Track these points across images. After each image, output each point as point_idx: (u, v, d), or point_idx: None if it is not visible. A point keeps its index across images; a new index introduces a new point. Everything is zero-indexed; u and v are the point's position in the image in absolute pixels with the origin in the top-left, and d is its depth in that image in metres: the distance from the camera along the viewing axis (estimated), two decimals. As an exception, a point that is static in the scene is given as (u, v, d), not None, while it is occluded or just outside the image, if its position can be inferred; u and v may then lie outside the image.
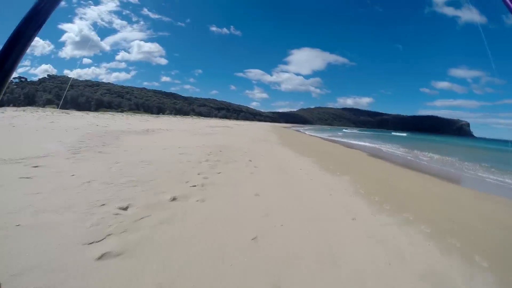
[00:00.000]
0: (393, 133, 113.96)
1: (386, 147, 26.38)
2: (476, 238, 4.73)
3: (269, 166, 9.03)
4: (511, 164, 20.22)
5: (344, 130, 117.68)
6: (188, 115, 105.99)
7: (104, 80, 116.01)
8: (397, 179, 10.16)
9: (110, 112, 57.19)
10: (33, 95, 56.14)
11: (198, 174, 6.73)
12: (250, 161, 9.47)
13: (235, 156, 10.12)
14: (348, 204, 5.82)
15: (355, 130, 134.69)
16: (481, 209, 6.96)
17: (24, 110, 37.39)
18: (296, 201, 5.53)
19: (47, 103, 50.75)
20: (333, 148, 22.33)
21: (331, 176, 8.78)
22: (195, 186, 5.73)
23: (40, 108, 49.48)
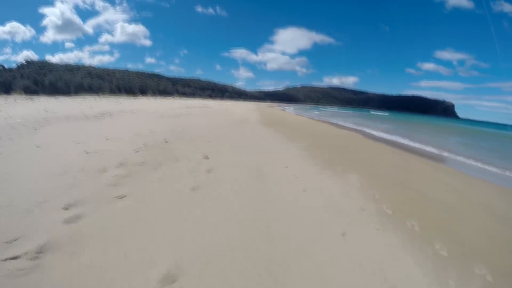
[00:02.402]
0: (372, 112, 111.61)
1: (375, 128, 23.75)
2: None
3: (236, 165, 5.82)
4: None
5: (320, 108, 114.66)
6: (171, 95, 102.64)
7: (88, 64, 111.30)
8: (416, 175, 7.38)
9: (86, 95, 53.32)
10: (10, 82, 52.48)
11: (66, 209, 3.24)
12: (206, 158, 6.14)
13: (185, 148, 6.85)
14: (385, 265, 2.77)
15: (335, 109, 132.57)
16: None
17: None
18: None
19: (24, 89, 47.57)
20: (323, 128, 19.25)
21: (332, 177, 5.81)
22: (16, 258, 2.25)
23: (5, 94, 45.40)
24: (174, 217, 3.36)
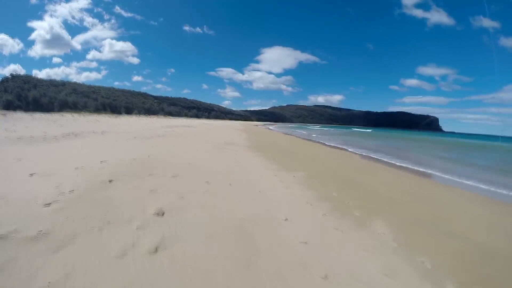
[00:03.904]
0: (354, 129, 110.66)
1: (364, 146, 22.47)
2: None
3: (209, 228, 3.62)
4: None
5: (307, 127, 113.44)
6: (157, 114, 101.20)
7: (75, 80, 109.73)
8: (444, 208, 5.90)
9: (68, 113, 51.53)
10: None
11: None
12: (160, 215, 3.83)
13: (133, 195, 4.56)
14: None
15: (317, 127, 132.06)
16: None
17: None
18: None
19: (6, 104, 45.69)
20: (316, 150, 17.48)
21: (355, 235, 3.96)
22: None
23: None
24: None
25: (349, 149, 18.85)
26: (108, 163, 6.64)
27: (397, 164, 12.59)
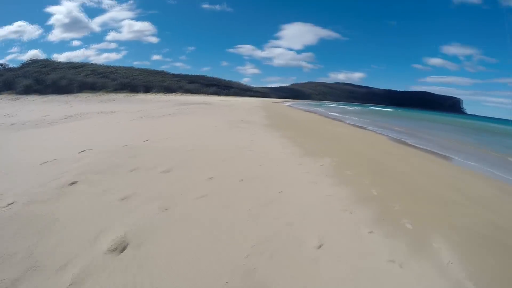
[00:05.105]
0: (372, 108, 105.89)
1: (391, 128, 19.41)
2: None
3: (191, 280, 2.38)
4: None
5: (327, 105, 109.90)
6: (175, 92, 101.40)
7: (94, 61, 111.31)
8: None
9: (85, 94, 52.43)
10: (11, 81, 51.87)
11: None
12: (114, 251, 2.48)
13: (91, 210, 3.26)
14: None
15: (334, 104, 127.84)
16: None
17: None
18: None
19: (25, 88, 46.84)
20: (339, 128, 15.65)
21: (416, 264, 2.62)
22: None
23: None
24: None
25: (372, 129, 17.20)
26: (89, 153, 5.39)
27: (427, 148, 10.89)
